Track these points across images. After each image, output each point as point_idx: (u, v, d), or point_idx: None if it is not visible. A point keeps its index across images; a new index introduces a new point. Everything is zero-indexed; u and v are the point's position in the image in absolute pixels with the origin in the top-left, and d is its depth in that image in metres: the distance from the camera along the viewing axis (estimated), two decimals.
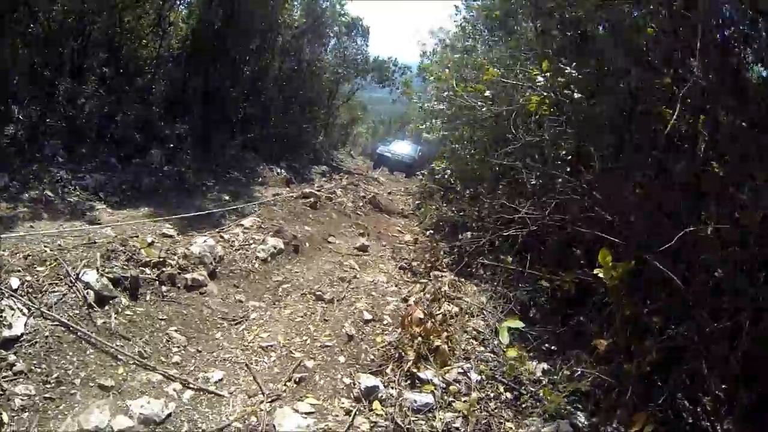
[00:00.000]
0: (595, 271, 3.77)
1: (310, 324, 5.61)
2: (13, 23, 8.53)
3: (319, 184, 14.14)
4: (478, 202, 9.16)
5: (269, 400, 4.21)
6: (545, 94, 5.64)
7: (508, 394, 4.51)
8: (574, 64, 5.47)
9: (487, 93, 7.20)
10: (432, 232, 10.50)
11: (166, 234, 6.93)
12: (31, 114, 9.68)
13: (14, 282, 4.64)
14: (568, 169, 6.15)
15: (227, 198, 9.99)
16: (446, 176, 10.85)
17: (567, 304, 5.59)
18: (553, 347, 5.33)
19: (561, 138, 5.98)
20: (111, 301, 5.00)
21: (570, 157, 6.12)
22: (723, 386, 3.47)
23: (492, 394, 4.47)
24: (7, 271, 4.83)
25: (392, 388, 4.41)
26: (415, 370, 4.61)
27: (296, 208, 9.86)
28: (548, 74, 5.55)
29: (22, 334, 4.15)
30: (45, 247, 5.62)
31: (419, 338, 4.96)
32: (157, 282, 5.60)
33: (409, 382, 4.52)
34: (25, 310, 4.36)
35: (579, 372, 4.60)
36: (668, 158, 4.91)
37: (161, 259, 5.87)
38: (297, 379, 4.56)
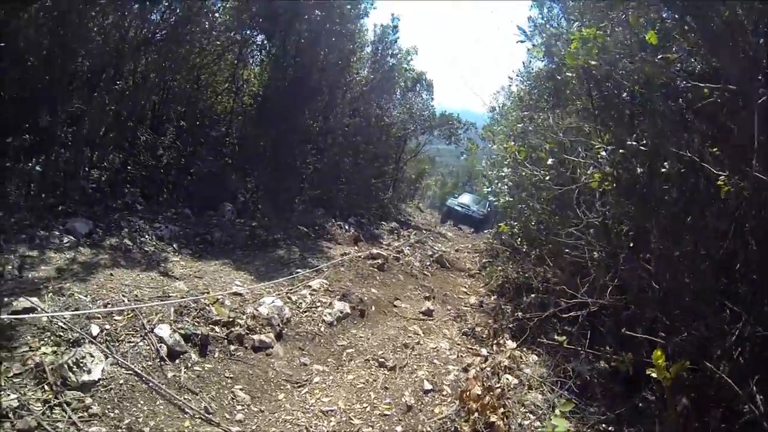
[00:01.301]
0: (648, 371, 3.79)
1: (371, 391, 5.73)
2: (102, 81, 9.09)
3: (387, 242, 14.36)
4: (543, 262, 9.16)
5: None
6: (608, 169, 5.63)
7: None
8: (635, 135, 5.44)
9: (550, 161, 7.24)
10: (496, 296, 10.46)
11: (236, 292, 7.14)
12: (115, 161, 10.18)
13: (94, 329, 4.98)
14: (631, 245, 6.11)
15: (296, 256, 10.14)
16: (512, 237, 10.86)
17: (627, 383, 5.56)
18: (610, 428, 5.28)
19: (623, 215, 5.95)
20: (181, 356, 5.28)
21: (631, 233, 6.07)
22: None
23: None
24: (89, 317, 5.15)
25: None
26: None
27: (363, 270, 9.98)
28: (610, 148, 5.54)
29: (99, 380, 4.43)
30: (123, 296, 5.95)
31: (476, 414, 5.03)
32: (226, 341, 5.84)
33: None
34: (103, 357, 4.65)
35: None
36: (732, 245, 4.89)
37: (231, 319, 6.11)
38: None
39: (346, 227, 14.06)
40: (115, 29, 9.42)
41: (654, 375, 3.65)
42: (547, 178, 7.32)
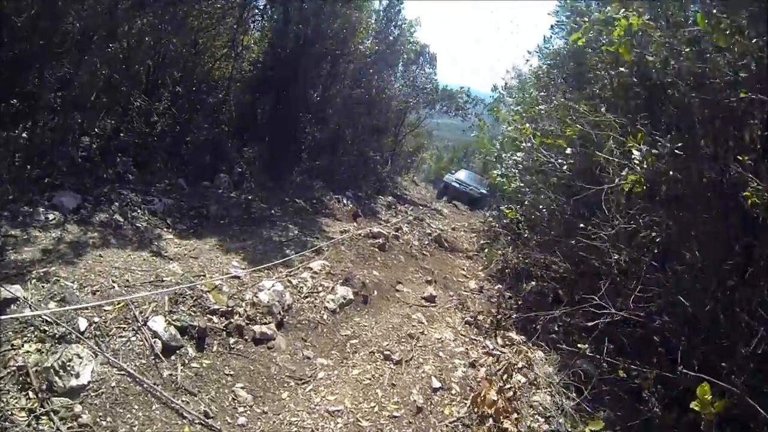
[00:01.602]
0: (691, 405, 3.54)
1: (378, 388, 5.46)
2: (93, 43, 8.66)
3: (385, 218, 14.20)
4: (546, 250, 9.05)
5: None
6: (639, 169, 5.26)
7: None
8: (669, 136, 5.11)
9: (569, 150, 6.91)
10: (496, 281, 10.35)
11: (233, 274, 6.81)
12: (106, 127, 9.77)
13: (82, 323, 4.61)
14: (656, 251, 5.78)
15: (295, 233, 9.79)
16: (513, 222, 10.55)
17: (634, 389, 5.41)
18: None
19: (654, 221, 5.57)
20: (178, 351, 4.96)
21: (659, 239, 5.71)
22: None
23: None
24: (76, 309, 4.80)
25: None
26: None
27: (365, 250, 9.72)
28: (644, 148, 5.18)
29: (88, 383, 4.09)
30: (113, 281, 5.59)
31: (491, 420, 4.81)
32: (225, 332, 5.52)
33: None
34: (92, 356, 4.31)
35: None
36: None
37: (229, 308, 5.79)
38: None
39: (344, 201, 13.81)
40: None
41: (697, 408, 3.42)
42: (564, 167, 6.98)
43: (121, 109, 10.07)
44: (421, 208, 17.97)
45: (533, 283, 9.09)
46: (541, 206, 8.79)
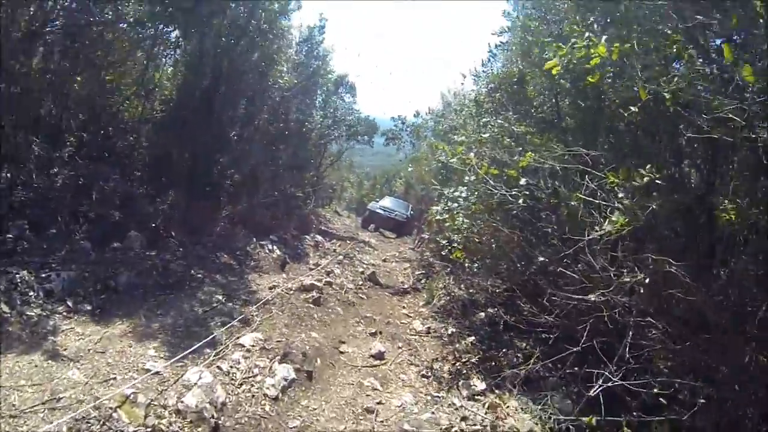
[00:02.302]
0: None
1: None
2: None
3: (314, 261, 13.63)
4: (488, 274, 8.81)
5: None
6: (622, 205, 4.60)
7: None
8: (648, 166, 4.50)
9: (523, 181, 6.25)
10: (442, 318, 9.80)
11: (150, 371, 5.68)
12: None
13: None
14: (641, 291, 5.15)
15: (219, 297, 8.72)
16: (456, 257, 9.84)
17: None
18: None
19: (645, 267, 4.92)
20: None
21: (647, 281, 4.97)
22: None
23: None
24: None
25: None
26: None
27: (299, 308, 8.84)
28: (629, 184, 4.54)
29: None
30: None
31: None
32: None
33: None
34: None
35: None
36: None
37: (149, 429, 4.64)
38: None
39: (270, 247, 13.06)
40: None
41: None
42: (520, 201, 6.30)
43: (16, 160, 8.90)
44: (348, 242, 17.58)
45: (482, 314, 8.70)
46: (483, 235, 8.23)
